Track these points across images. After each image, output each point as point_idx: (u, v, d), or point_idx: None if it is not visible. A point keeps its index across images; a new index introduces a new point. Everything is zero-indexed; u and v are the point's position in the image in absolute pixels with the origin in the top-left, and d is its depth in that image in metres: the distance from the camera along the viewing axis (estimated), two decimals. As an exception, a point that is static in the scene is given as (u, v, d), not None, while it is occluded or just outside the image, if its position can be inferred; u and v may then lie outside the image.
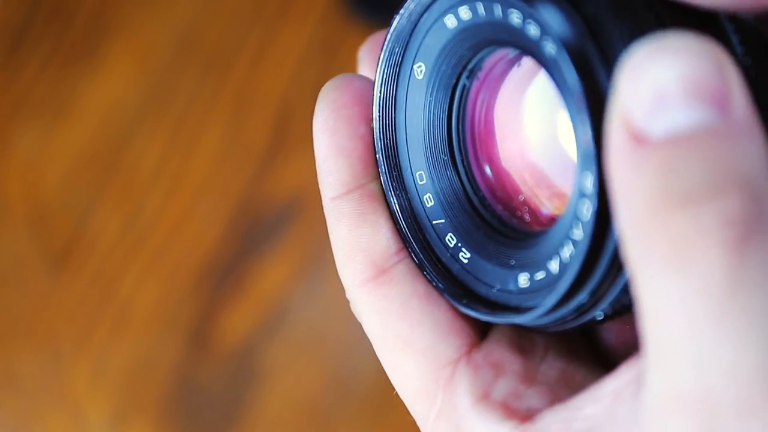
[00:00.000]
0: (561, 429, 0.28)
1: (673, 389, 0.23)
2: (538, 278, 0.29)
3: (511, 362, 0.31)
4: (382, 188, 0.33)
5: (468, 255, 0.32)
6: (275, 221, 0.87)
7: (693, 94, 0.23)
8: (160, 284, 0.87)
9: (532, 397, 0.30)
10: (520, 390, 0.30)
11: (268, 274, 0.87)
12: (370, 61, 0.34)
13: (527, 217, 0.32)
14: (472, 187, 0.33)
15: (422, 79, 0.32)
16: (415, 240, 0.32)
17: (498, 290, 0.30)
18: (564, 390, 0.30)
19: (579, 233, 0.27)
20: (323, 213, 0.33)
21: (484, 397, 0.30)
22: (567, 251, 0.28)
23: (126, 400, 0.85)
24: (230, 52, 0.92)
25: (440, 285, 0.31)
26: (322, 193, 0.32)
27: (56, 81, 0.93)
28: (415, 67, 0.32)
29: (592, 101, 0.26)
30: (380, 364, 0.33)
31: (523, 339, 0.31)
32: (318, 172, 0.32)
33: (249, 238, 0.87)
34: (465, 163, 0.33)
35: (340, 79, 0.33)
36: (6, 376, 0.87)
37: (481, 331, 0.31)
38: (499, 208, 0.33)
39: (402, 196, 0.33)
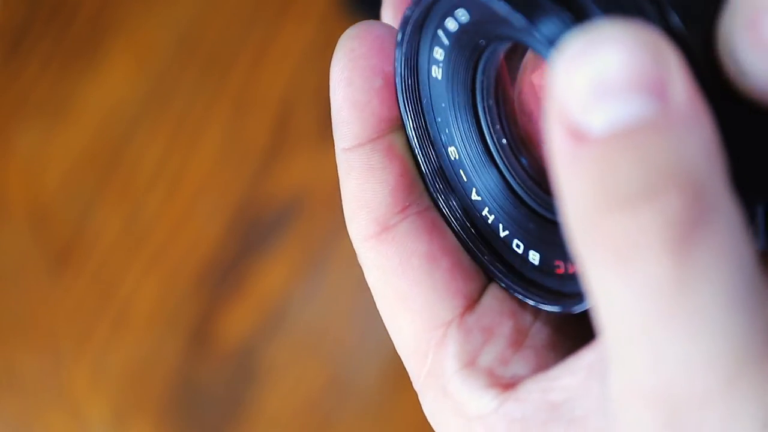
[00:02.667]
0: (539, 398, 0.28)
1: (632, 384, 0.23)
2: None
3: (502, 325, 0.31)
4: (405, 143, 0.32)
5: (522, 246, 0.31)
6: (275, 221, 0.87)
7: (629, 85, 0.22)
8: (161, 284, 0.87)
9: (518, 364, 0.30)
10: (506, 355, 0.30)
11: (269, 273, 0.87)
12: (393, 7, 0.34)
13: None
14: (517, 183, 0.32)
15: (441, 82, 0.32)
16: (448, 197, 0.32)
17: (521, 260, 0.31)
18: (551, 355, 0.31)
19: None
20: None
21: (470, 363, 0.30)
22: None
23: (126, 400, 0.85)
24: (230, 52, 0.92)
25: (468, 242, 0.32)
26: (335, 142, 0.32)
27: (56, 81, 0.93)
28: (434, 55, 0.32)
29: None
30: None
31: (515, 301, 0.32)
32: (332, 121, 0.32)
33: (249, 238, 0.87)
34: (506, 161, 0.32)
35: (361, 26, 0.32)
36: (6, 375, 0.87)
37: (477, 292, 0.32)
38: (539, 191, 0.32)
39: (432, 151, 0.33)
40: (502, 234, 0.32)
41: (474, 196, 0.32)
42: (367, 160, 0.32)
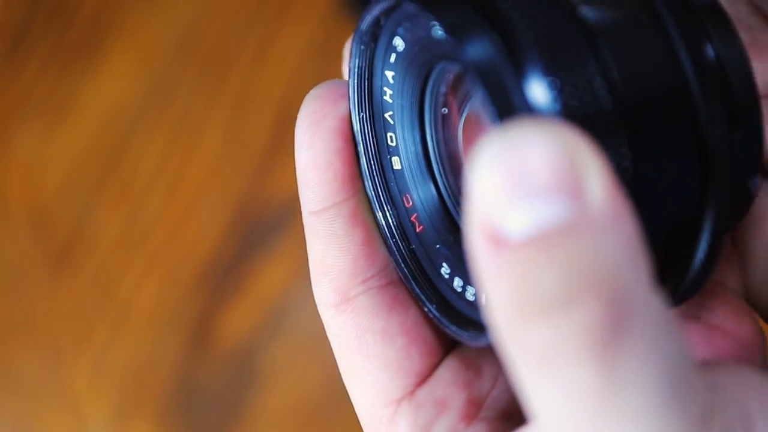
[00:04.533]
0: None
1: None
2: None
3: (455, 398, 0.31)
4: (367, 207, 0.32)
5: (462, 283, 0.31)
6: (275, 221, 0.87)
7: (545, 187, 0.21)
8: (161, 284, 0.87)
9: None
10: (458, 429, 0.30)
11: (269, 274, 0.87)
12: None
13: None
14: (453, 205, 0.32)
15: (392, 103, 0.32)
16: (404, 255, 0.32)
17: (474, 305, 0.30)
18: (505, 426, 0.30)
19: None
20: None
21: None
22: None
23: (126, 400, 0.85)
24: (230, 52, 0.92)
25: (449, 324, 0.31)
26: (302, 206, 0.32)
27: (56, 81, 0.93)
28: (386, 92, 0.32)
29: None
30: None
31: (471, 371, 0.31)
32: (299, 185, 0.32)
33: (249, 238, 0.87)
34: (445, 181, 0.32)
35: (324, 87, 0.32)
36: (6, 375, 0.87)
37: (432, 366, 0.31)
38: None
39: (392, 212, 0.33)
40: (431, 252, 0.32)
41: (410, 209, 0.32)
42: (330, 225, 0.31)
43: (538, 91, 0.25)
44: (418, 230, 0.32)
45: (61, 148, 0.91)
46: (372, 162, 0.32)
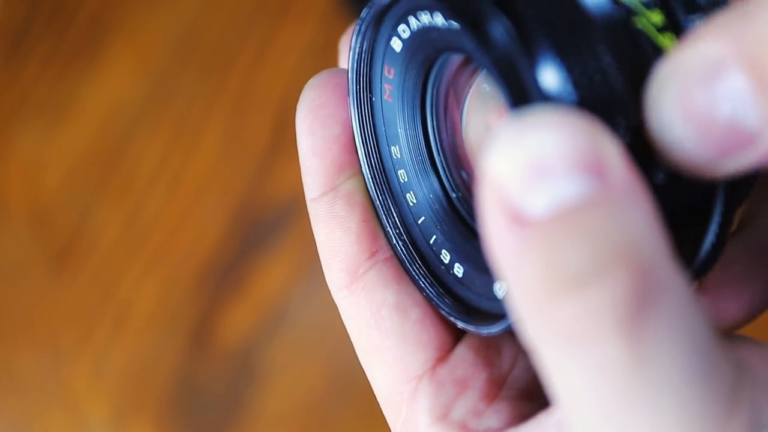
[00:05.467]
0: None
1: None
2: None
3: (476, 377, 0.31)
4: (364, 188, 0.32)
5: (462, 269, 0.31)
6: (275, 221, 0.87)
7: (567, 164, 0.21)
8: (161, 284, 0.87)
9: (491, 417, 0.30)
10: (480, 408, 0.30)
11: (269, 273, 0.87)
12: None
13: None
14: (457, 196, 0.32)
15: (393, 89, 0.32)
16: (401, 239, 0.32)
17: (487, 299, 0.30)
18: (526, 406, 0.30)
19: None
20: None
21: (442, 416, 0.30)
22: None
23: (126, 400, 0.85)
24: (230, 52, 0.92)
25: (444, 308, 0.31)
26: (305, 192, 0.32)
27: (57, 81, 0.93)
28: (385, 85, 0.32)
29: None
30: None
31: (491, 350, 0.31)
32: (302, 174, 0.32)
33: (249, 238, 0.87)
34: (448, 173, 0.32)
35: (322, 75, 0.32)
36: (6, 374, 0.87)
37: (450, 343, 0.31)
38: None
39: (395, 210, 0.33)
40: (431, 240, 0.32)
41: (411, 200, 0.32)
42: (330, 208, 0.32)
43: (551, 74, 0.25)
44: (418, 221, 0.32)
45: (61, 148, 0.91)
46: (370, 148, 0.33)
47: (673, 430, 0.22)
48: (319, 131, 0.32)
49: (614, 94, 0.26)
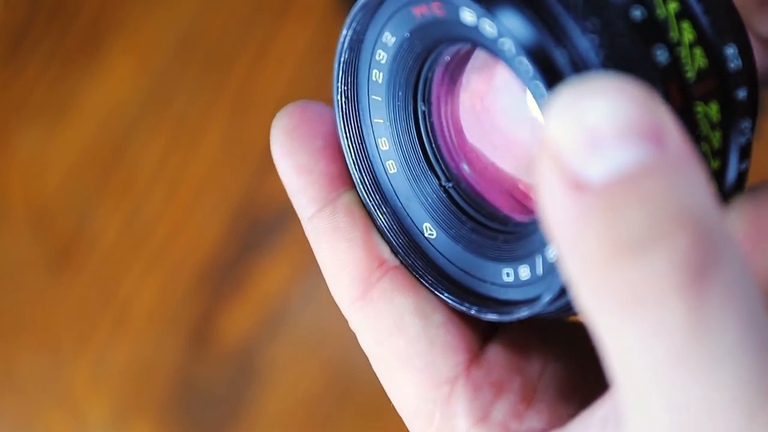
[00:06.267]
0: None
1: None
2: (540, 267, 0.29)
3: (511, 381, 0.30)
4: (357, 199, 0.32)
5: (459, 252, 0.31)
6: (275, 221, 0.87)
7: (626, 132, 0.22)
8: (161, 284, 0.87)
9: (532, 419, 0.30)
10: (520, 410, 0.30)
11: (269, 273, 0.87)
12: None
13: (513, 208, 0.32)
14: (452, 186, 0.32)
15: (381, 84, 0.32)
16: (408, 250, 0.32)
17: (492, 284, 0.30)
18: (563, 408, 0.30)
19: None
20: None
21: (483, 418, 0.30)
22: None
23: (126, 400, 0.85)
24: (230, 52, 0.92)
25: (444, 293, 0.31)
26: (299, 216, 0.32)
27: (57, 80, 0.93)
28: (373, 71, 0.32)
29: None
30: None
31: (521, 356, 0.31)
32: (290, 197, 0.32)
33: (249, 238, 0.87)
34: (440, 163, 0.32)
35: (290, 106, 0.32)
36: (6, 375, 0.87)
37: (477, 345, 0.31)
38: (483, 203, 0.32)
39: (383, 207, 0.33)
40: (426, 233, 0.32)
41: (409, 204, 0.32)
42: (331, 221, 0.31)
43: (580, 48, 0.26)
44: (408, 210, 0.32)
45: (61, 148, 0.91)
46: (353, 141, 0.32)
47: (727, 399, 0.22)
48: (300, 149, 0.31)
49: (643, 56, 0.26)
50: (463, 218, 0.32)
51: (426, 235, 0.32)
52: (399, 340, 0.30)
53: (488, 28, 0.26)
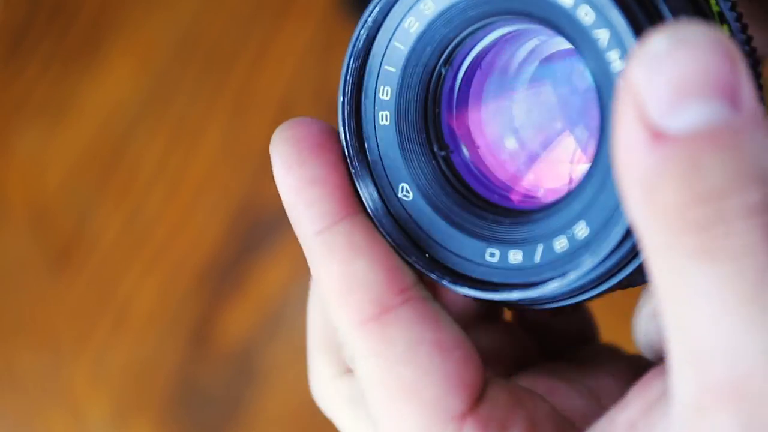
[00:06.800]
0: None
1: (706, 381, 0.23)
2: (560, 248, 0.29)
3: (515, 416, 0.30)
4: (370, 222, 0.31)
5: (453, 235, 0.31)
6: (275, 221, 0.87)
7: (709, 90, 0.23)
8: (161, 284, 0.87)
9: None
10: None
11: (269, 273, 0.87)
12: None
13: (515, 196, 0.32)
14: (445, 156, 0.32)
15: (412, 33, 0.31)
16: (377, 204, 0.31)
17: (466, 260, 0.30)
18: None
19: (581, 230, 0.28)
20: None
21: None
22: (581, 231, 0.28)
23: (126, 399, 0.86)
24: (230, 52, 0.92)
25: (411, 257, 0.31)
26: (300, 229, 0.30)
27: (57, 80, 0.93)
28: (384, 67, 0.31)
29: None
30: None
31: (514, 395, 0.31)
32: (291, 209, 0.30)
33: (249, 238, 0.87)
34: (437, 130, 0.32)
35: (294, 120, 0.31)
36: (6, 374, 0.87)
37: (482, 382, 0.30)
38: (486, 180, 0.32)
39: (359, 156, 0.32)
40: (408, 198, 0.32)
41: (389, 160, 0.32)
42: (348, 236, 0.30)
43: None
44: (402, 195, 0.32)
45: (61, 148, 0.91)
46: (347, 108, 0.32)
47: None
48: (309, 160, 0.30)
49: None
50: (449, 189, 0.31)
51: (400, 195, 0.32)
52: (409, 369, 0.29)
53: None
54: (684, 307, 0.24)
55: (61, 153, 0.91)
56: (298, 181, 0.30)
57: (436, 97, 0.32)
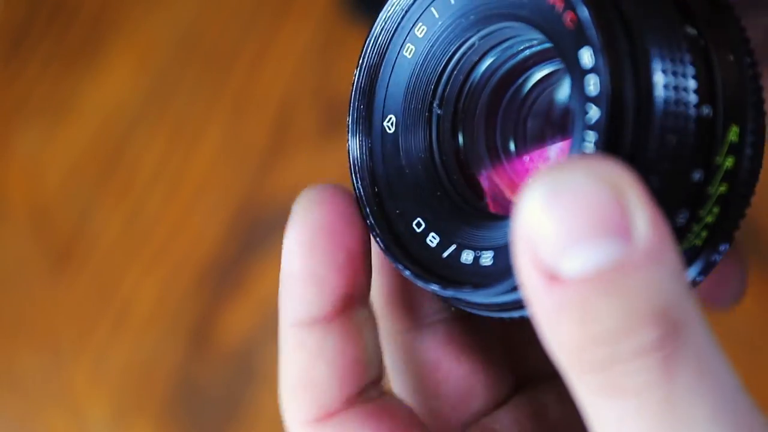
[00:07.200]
0: None
1: None
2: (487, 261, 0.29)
3: None
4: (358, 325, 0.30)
5: (437, 238, 0.31)
6: (275, 221, 0.87)
7: (596, 231, 0.23)
8: (161, 284, 0.87)
9: None
10: None
11: (269, 273, 0.87)
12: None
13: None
14: (441, 156, 0.32)
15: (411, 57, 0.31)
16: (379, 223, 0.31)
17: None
18: None
19: None
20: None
21: None
22: None
23: (126, 399, 0.85)
24: (230, 51, 0.92)
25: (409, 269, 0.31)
26: (282, 315, 0.31)
27: (57, 80, 0.93)
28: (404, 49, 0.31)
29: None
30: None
31: None
32: (282, 291, 0.31)
33: (249, 238, 0.87)
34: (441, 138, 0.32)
35: (321, 190, 0.31)
36: (6, 375, 0.87)
37: None
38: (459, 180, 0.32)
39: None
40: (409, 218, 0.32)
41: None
42: (321, 339, 0.30)
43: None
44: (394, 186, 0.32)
45: (61, 148, 0.91)
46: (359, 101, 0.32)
47: None
48: (319, 253, 0.30)
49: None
50: (435, 182, 0.32)
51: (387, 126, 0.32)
52: None
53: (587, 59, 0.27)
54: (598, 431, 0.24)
55: (61, 153, 0.91)
56: (300, 271, 0.31)
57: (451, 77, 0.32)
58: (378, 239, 0.31)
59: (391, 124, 0.32)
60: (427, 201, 0.31)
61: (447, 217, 0.31)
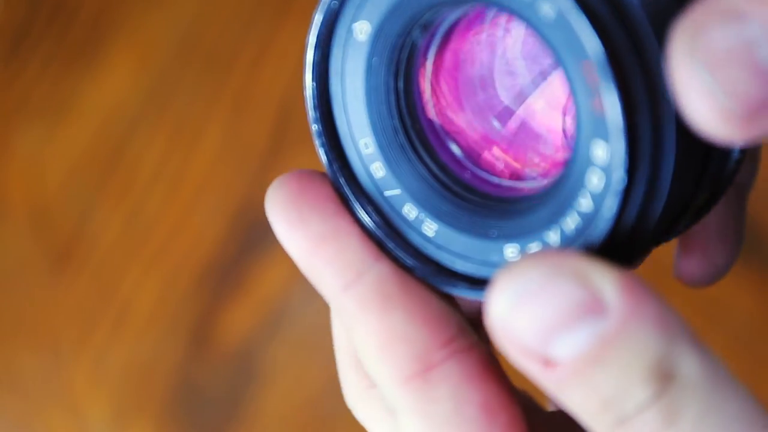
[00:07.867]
0: None
1: None
2: (532, 249, 0.28)
3: None
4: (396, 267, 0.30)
5: (435, 227, 0.30)
6: (275, 221, 0.87)
7: (570, 319, 0.24)
8: (161, 284, 0.87)
9: None
10: None
11: (269, 273, 0.87)
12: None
13: (505, 181, 0.31)
14: (430, 157, 0.31)
15: (364, 39, 0.30)
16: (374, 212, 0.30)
17: (478, 263, 0.29)
18: None
19: (587, 203, 0.27)
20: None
21: None
22: (571, 222, 0.27)
23: (126, 399, 0.85)
24: (230, 52, 0.92)
25: (415, 266, 0.30)
26: (325, 288, 0.29)
27: (57, 81, 0.93)
28: (355, 25, 0.30)
29: (616, 66, 0.25)
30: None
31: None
32: (308, 271, 0.30)
33: (249, 238, 0.87)
34: (418, 134, 0.31)
35: (279, 181, 0.30)
36: (6, 375, 0.87)
37: None
38: (466, 175, 0.31)
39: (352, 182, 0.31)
40: (411, 218, 0.30)
41: (388, 188, 0.31)
42: (381, 287, 0.29)
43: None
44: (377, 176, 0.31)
45: (62, 148, 0.91)
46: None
47: None
48: (313, 216, 0.29)
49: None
50: (440, 190, 0.31)
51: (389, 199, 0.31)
52: (453, 430, 0.28)
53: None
54: None
55: (61, 153, 0.91)
56: (309, 242, 0.30)
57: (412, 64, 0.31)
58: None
59: (365, 145, 0.31)
60: (437, 204, 0.31)
61: (461, 216, 0.30)
